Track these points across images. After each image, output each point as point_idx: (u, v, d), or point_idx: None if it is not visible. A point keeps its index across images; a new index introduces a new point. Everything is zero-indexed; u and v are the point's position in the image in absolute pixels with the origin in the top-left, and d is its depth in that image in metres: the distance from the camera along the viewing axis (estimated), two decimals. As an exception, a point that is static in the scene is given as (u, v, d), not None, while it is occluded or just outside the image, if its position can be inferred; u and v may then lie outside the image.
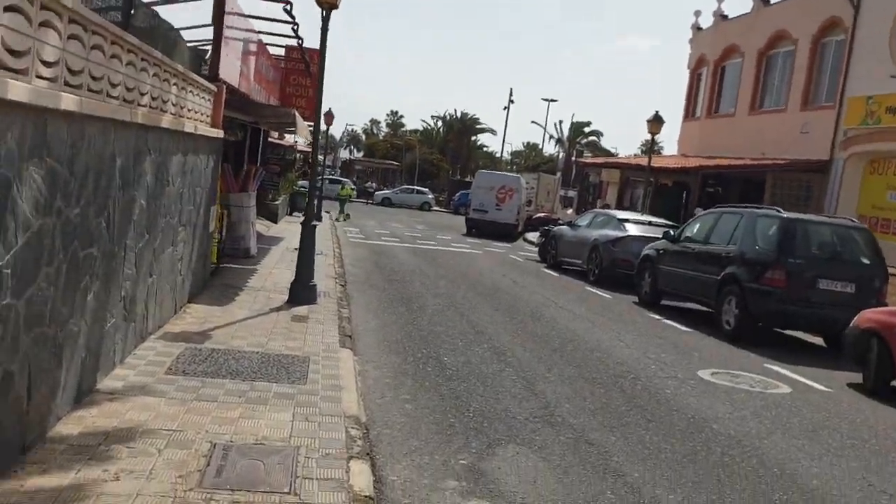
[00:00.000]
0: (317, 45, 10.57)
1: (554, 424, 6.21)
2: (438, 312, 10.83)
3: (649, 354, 9.48)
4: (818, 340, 11.86)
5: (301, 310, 9.36)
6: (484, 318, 10.82)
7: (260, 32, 13.84)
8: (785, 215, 11.48)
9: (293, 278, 10.07)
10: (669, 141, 63.21)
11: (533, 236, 26.39)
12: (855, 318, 9.27)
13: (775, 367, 9.50)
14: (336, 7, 9.74)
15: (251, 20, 12.39)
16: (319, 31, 9.87)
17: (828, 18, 24.17)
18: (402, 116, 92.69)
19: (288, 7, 10.82)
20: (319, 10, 9.71)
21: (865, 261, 11.31)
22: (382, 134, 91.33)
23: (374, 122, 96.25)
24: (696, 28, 32.51)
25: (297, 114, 14.21)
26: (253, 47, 13.13)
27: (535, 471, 5.16)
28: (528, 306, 12.37)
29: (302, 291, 9.86)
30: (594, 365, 8.56)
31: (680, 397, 7.54)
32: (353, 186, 40.06)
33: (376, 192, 52.29)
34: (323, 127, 19.54)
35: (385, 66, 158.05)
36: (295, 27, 12.22)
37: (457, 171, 72.88)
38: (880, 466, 6.06)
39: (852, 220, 12.14)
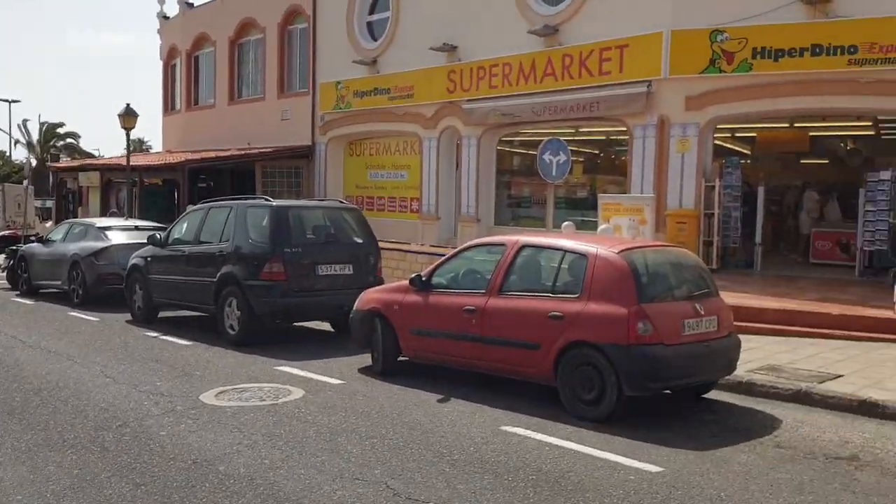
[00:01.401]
0: None
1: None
2: None
3: (142, 387, 7.86)
4: (326, 326, 11.55)
5: None
6: None
7: None
8: (274, 204, 10.79)
9: None
10: (159, 137, 60.35)
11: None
12: (357, 300, 8.96)
13: (287, 369, 8.71)
14: None
15: None
16: None
17: (290, 6, 24.69)
18: None
19: None
20: None
21: (359, 240, 11.26)
22: None
23: None
24: (163, 17, 30.79)
25: None
26: None
27: None
28: (-17, 354, 9.63)
29: None
30: (68, 420, 6.65)
31: (179, 437, 6.15)
32: None
33: None
34: None
35: None
36: None
37: None
38: (402, 465, 5.53)
39: (341, 202, 12.09)
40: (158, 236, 12.29)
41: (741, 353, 7.58)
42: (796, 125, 17.90)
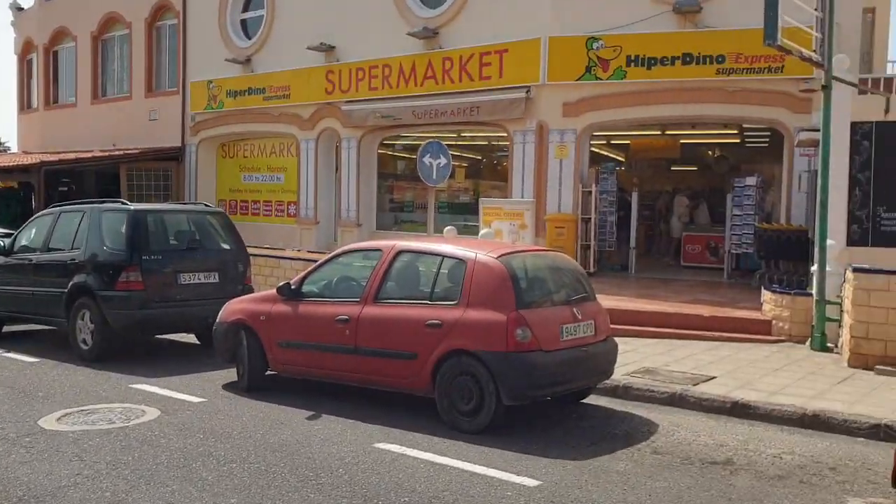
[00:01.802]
0: None
1: None
2: None
3: (-29, 413, 6.97)
4: (193, 339, 10.80)
5: None
6: None
7: None
8: (132, 208, 9.96)
9: None
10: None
11: None
12: (221, 311, 8.33)
13: (144, 387, 7.98)
14: None
15: None
16: None
17: (158, 1, 23.43)
18: None
19: None
20: None
21: (226, 246, 10.59)
22: None
23: None
24: (17, 8, 28.59)
25: None
26: None
27: None
28: None
29: None
30: None
31: (6, 470, 5.41)
32: None
33: None
34: None
35: None
36: None
37: None
38: (262, 493, 5.03)
39: (207, 205, 11.33)
40: (2, 243, 11.15)
41: (618, 356, 7.52)
42: (668, 132, 18.47)
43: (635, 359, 8.97)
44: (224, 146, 22.64)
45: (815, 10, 8.87)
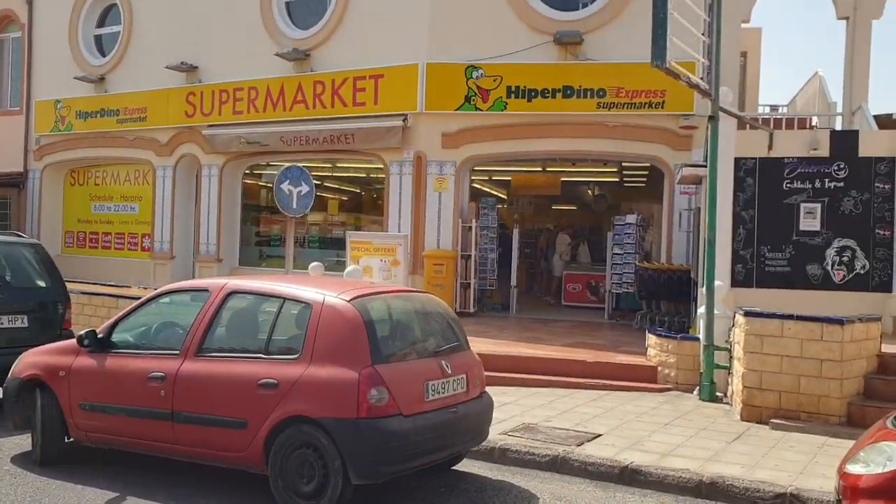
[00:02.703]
0: None
1: None
2: None
3: None
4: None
5: None
6: None
7: None
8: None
9: None
10: None
11: None
12: (15, 364, 6.74)
13: None
14: None
15: None
16: None
17: (1, 12, 21.20)
18: None
19: None
20: None
21: (42, 284, 8.94)
22: None
23: None
24: None
25: None
26: None
27: None
28: None
29: None
30: None
31: None
32: None
33: None
34: None
35: None
36: None
37: None
38: None
39: (20, 236, 9.64)
40: None
41: (496, 410, 6.52)
42: (549, 169, 18.00)
43: (514, 412, 7.98)
44: (73, 172, 20.50)
45: (703, 34, 8.35)
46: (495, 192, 19.53)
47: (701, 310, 9.12)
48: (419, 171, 14.56)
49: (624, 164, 16.94)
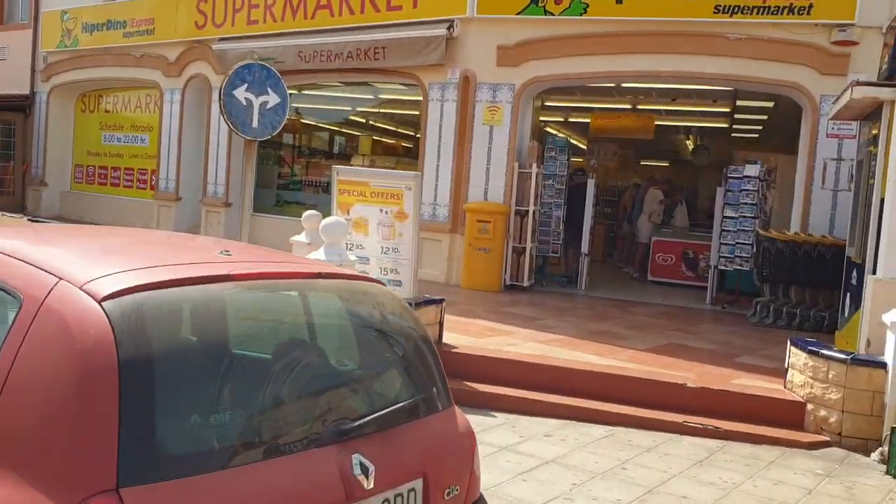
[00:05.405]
0: None
1: None
2: None
3: None
4: None
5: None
6: None
7: None
8: None
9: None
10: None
11: None
12: None
13: None
14: None
15: None
16: None
17: None
18: None
19: None
20: None
21: None
22: None
23: None
24: None
25: None
26: None
27: None
28: None
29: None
30: None
31: None
32: None
33: None
34: None
35: None
36: None
37: None
38: None
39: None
40: None
41: (514, 482, 3.16)
42: (640, 108, 14.23)
43: (555, 487, 4.58)
44: (84, 97, 17.83)
45: None
46: (568, 137, 15.83)
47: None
48: (466, 96, 11.07)
49: (739, 102, 13.00)
